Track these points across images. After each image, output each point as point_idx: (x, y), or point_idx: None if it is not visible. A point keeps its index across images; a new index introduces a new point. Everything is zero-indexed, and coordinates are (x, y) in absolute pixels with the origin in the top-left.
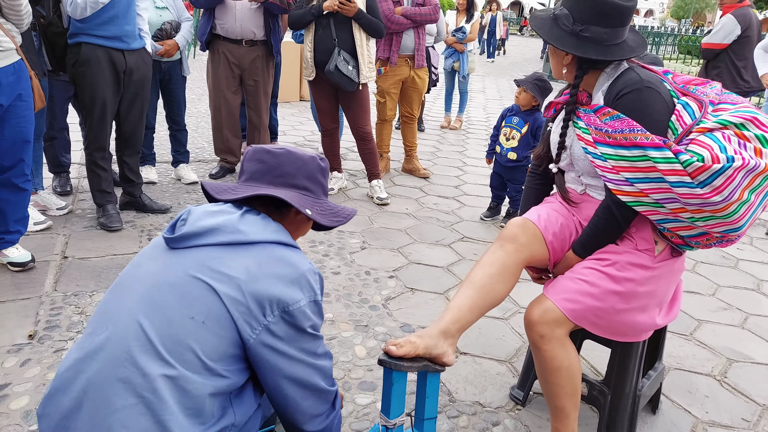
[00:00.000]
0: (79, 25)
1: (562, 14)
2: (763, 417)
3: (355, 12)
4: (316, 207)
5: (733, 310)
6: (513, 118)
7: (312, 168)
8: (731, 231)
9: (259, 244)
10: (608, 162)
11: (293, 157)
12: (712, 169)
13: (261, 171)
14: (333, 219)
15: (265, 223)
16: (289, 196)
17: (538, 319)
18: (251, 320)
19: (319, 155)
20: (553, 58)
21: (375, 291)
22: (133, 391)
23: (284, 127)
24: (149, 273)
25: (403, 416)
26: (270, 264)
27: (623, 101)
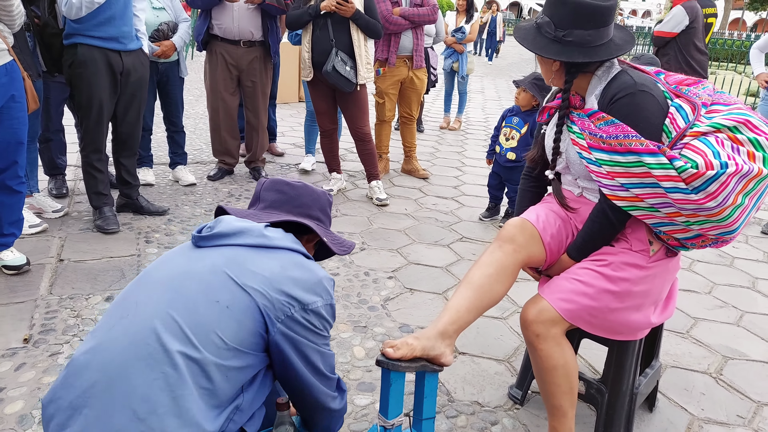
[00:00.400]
0: (75, 25)
1: (544, 22)
2: (758, 414)
3: (353, 12)
4: (328, 236)
5: (728, 308)
6: (513, 118)
7: (324, 202)
8: (726, 233)
9: (282, 249)
10: (603, 167)
11: (309, 190)
12: (706, 176)
13: (280, 201)
14: (340, 248)
15: (286, 235)
16: (310, 224)
17: (534, 318)
18: (276, 311)
19: (329, 192)
20: (542, 66)
21: (374, 291)
22: (154, 367)
23: (283, 128)
24: (175, 265)
25: (402, 417)
26: (291, 268)
27: (617, 106)
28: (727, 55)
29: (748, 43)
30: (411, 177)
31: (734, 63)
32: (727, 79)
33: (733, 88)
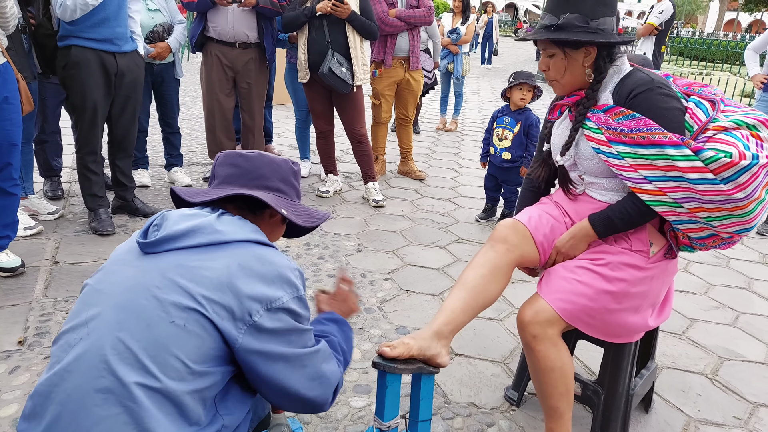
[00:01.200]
0: (69, 27)
1: (572, 18)
2: (754, 415)
3: (349, 14)
4: (291, 208)
5: (725, 308)
6: (504, 118)
7: (285, 171)
8: (742, 231)
9: (238, 243)
10: (626, 160)
11: (267, 160)
12: (740, 166)
13: (234, 175)
14: (308, 220)
15: (242, 223)
16: (265, 196)
17: (531, 319)
18: (236, 321)
19: (291, 160)
20: (570, 66)
21: (370, 293)
22: (114, 401)
23: (279, 130)
24: (124, 278)
25: (398, 419)
26: (250, 263)
27: (637, 100)
28: (722, 56)
29: (743, 44)
30: (407, 178)
31: (729, 64)
32: (722, 80)
33: (728, 90)
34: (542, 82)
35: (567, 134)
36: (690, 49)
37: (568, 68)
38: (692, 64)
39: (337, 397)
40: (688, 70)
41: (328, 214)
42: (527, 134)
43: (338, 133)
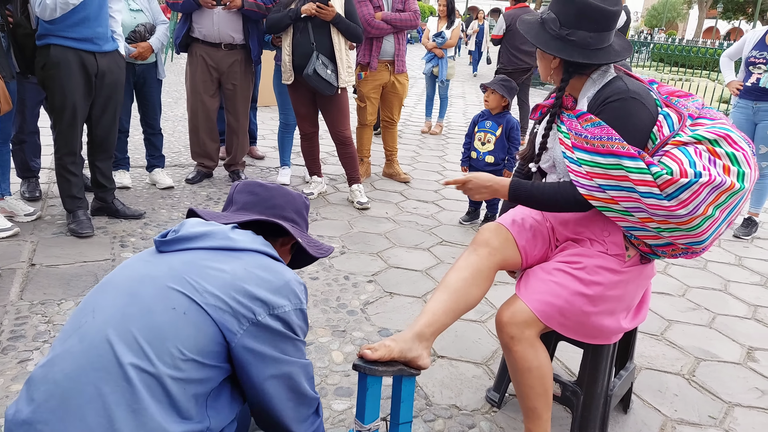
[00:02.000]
0: (48, 26)
1: (549, 18)
2: (729, 414)
3: (333, 16)
4: (303, 238)
5: (701, 310)
6: (485, 122)
7: (299, 204)
8: (695, 244)
9: (248, 251)
10: (583, 167)
11: (283, 192)
12: (680, 183)
13: (252, 202)
14: (317, 251)
15: (254, 237)
16: (283, 223)
17: (509, 320)
18: (239, 318)
19: (305, 194)
20: (541, 62)
21: (353, 296)
22: (108, 380)
23: (264, 132)
24: (134, 270)
25: (378, 421)
26: (257, 270)
27: (607, 109)
28: (701, 62)
29: (721, 51)
30: (392, 181)
31: (708, 71)
32: (701, 87)
33: (706, 96)
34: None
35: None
36: (670, 55)
37: (544, 65)
38: (672, 71)
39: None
40: (668, 76)
41: (332, 249)
42: (509, 137)
43: (323, 135)
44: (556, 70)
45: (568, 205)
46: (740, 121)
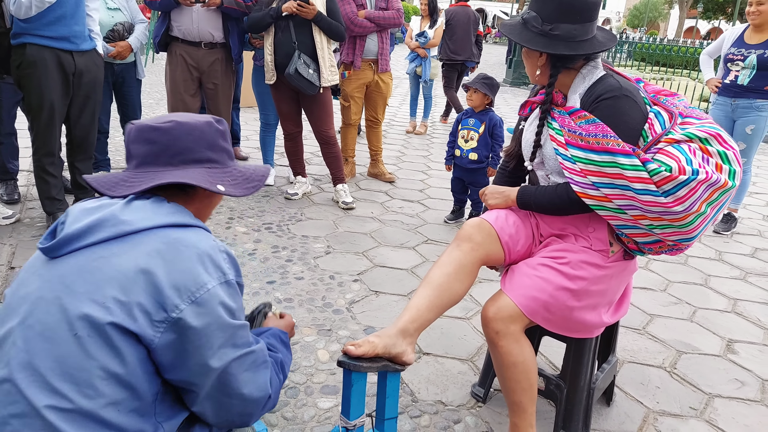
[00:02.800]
0: (23, 25)
1: (531, 17)
2: (709, 405)
3: (314, 15)
4: (226, 179)
5: (682, 304)
6: (468, 120)
7: (211, 135)
8: (684, 240)
9: (149, 230)
10: (577, 165)
11: (187, 128)
12: (678, 180)
13: (153, 153)
14: (247, 187)
15: (156, 206)
16: (195, 176)
17: (494, 315)
18: (152, 321)
19: (215, 117)
20: (527, 61)
21: (339, 295)
22: (31, 426)
23: (247, 132)
24: (30, 291)
25: (364, 417)
26: (163, 251)
27: (601, 106)
28: (682, 62)
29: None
30: (377, 180)
31: (689, 69)
32: (682, 86)
33: (687, 94)
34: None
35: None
36: (651, 54)
37: (529, 62)
38: (653, 69)
39: (305, 399)
40: (649, 75)
41: (267, 171)
42: (492, 135)
43: (307, 135)
44: (543, 67)
45: (564, 205)
46: (719, 118)
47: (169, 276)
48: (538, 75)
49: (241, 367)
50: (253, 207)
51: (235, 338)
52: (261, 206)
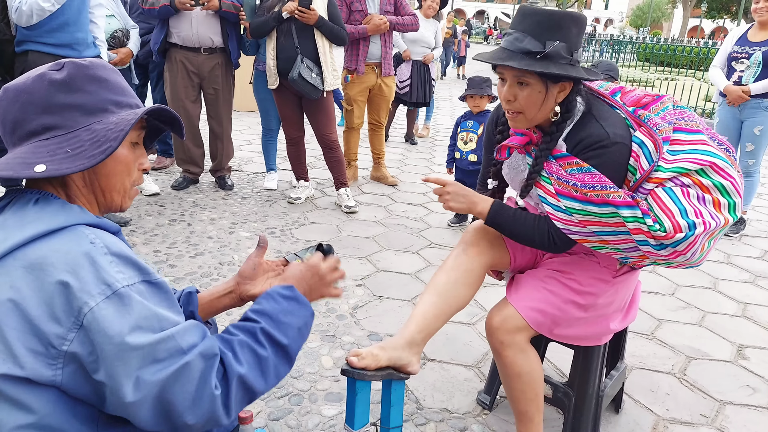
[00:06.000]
0: (26, 32)
1: (559, 47)
2: (720, 412)
3: (316, 20)
4: (62, 150)
5: (691, 308)
6: (467, 122)
7: (42, 95)
8: (690, 267)
9: (7, 258)
10: (574, 216)
11: (12, 94)
12: (675, 239)
13: (2, 134)
14: (93, 154)
15: (19, 215)
16: (8, 161)
17: (499, 325)
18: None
19: (54, 66)
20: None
21: (342, 300)
22: None
23: (250, 136)
24: None
25: (368, 426)
26: (29, 278)
27: (592, 156)
28: (687, 61)
29: (706, 50)
30: (380, 184)
31: (693, 69)
32: (687, 86)
33: (692, 95)
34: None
35: (522, 170)
36: (655, 54)
37: (543, 102)
38: (657, 70)
39: (309, 406)
40: (654, 75)
41: (133, 116)
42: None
43: (309, 139)
44: (558, 101)
45: (543, 245)
46: (726, 119)
47: (41, 306)
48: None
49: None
50: (257, 212)
51: (156, 354)
52: (264, 211)
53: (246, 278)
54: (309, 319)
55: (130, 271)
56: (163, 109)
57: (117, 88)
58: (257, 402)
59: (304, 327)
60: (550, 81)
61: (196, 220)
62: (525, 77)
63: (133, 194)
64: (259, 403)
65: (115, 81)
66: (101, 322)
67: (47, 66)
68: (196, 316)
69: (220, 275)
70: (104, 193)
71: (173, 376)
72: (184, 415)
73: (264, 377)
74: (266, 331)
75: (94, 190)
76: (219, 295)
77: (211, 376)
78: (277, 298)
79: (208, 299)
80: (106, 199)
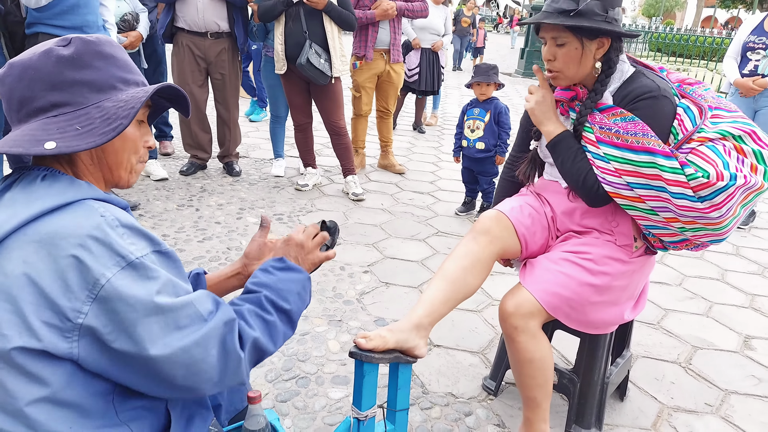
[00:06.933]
0: (36, 14)
1: (593, 4)
2: (725, 401)
3: (325, 5)
4: (72, 127)
5: (698, 299)
6: (474, 110)
7: (50, 71)
8: (715, 241)
9: (18, 233)
10: (612, 164)
11: (19, 71)
12: (716, 186)
13: (6, 111)
14: (104, 131)
15: (27, 191)
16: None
17: (514, 310)
18: (60, 334)
19: (61, 41)
20: (574, 56)
21: (349, 286)
22: None
23: (258, 123)
24: None
25: (375, 408)
26: (42, 251)
27: (641, 105)
28: (699, 52)
29: (719, 40)
30: (387, 172)
31: (706, 60)
32: (699, 76)
33: None
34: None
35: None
36: (668, 45)
37: (581, 59)
38: (670, 60)
39: (316, 389)
40: (666, 65)
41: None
42: (498, 122)
43: (317, 126)
44: (603, 58)
45: (586, 188)
46: (740, 108)
47: (55, 280)
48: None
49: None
50: (264, 198)
51: (178, 320)
52: (272, 197)
53: (252, 259)
54: (306, 283)
55: (142, 242)
56: (171, 86)
57: (124, 64)
58: (265, 384)
59: (303, 291)
60: (585, 38)
61: (204, 206)
62: (561, 36)
63: (138, 170)
64: (267, 385)
65: (121, 58)
66: (121, 291)
67: (54, 41)
68: None
69: (227, 260)
70: (111, 169)
71: (197, 342)
72: (214, 377)
73: (273, 340)
74: (270, 298)
75: (101, 167)
76: (226, 276)
77: (234, 340)
78: (271, 270)
79: (216, 280)
80: (113, 175)
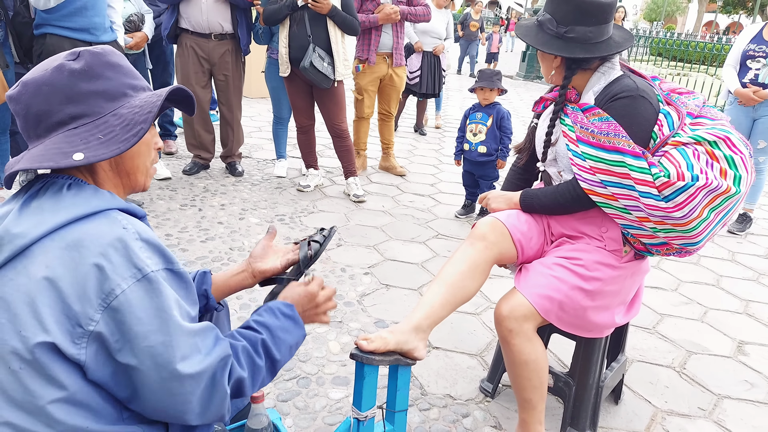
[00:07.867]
0: (45, 15)
1: (546, 19)
2: (718, 406)
3: (329, 9)
4: (95, 137)
5: (693, 304)
6: (476, 114)
7: (65, 85)
8: (689, 245)
9: (44, 239)
10: (587, 162)
11: (34, 88)
12: (676, 186)
13: (23, 128)
14: (126, 138)
15: (54, 200)
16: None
17: (508, 314)
18: (71, 339)
19: (70, 56)
20: (543, 62)
21: (350, 287)
22: None
23: (260, 123)
24: None
25: (375, 409)
26: (65, 257)
27: (616, 104)
28: (700, 57)
29: (719, 45)
30: (388, 174)
31: (706, 65)
32: (699, 82)
33: (704, 91)
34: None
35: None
36: (668, 50)
37: (544, 64)
38: (670, 65)
39: (316, 389)
40: (666, 70)
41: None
42: (500, 127)
43: (320, 127)
44: (558, 69)
45: (568, 202)
46: (739, 117)
47: (74, 285)
48: (552, 75)
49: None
50: (266, 198)
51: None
52: (274, 198)
53: (257, 258)
54: (301, 339)
55: (157, 257)
56: (180, 88)
57: (130, 72)
58: None
59: (295, 346)
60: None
61: (206, 206)
62: None
63: (152, 173)
64: (269, 385)
65: (126, 65)
66: (132, 303)
67: (62, 56)
68: (209, 294)
69: (230, 260)
70: (129, 175)
71: (193, 375)
72: (196, 409)
73: (254, 384)
74: (266, 343)
75: (120, 173)
76: (232, 274)
77: (225, 377)
78: (278, 314)
79: (222, 279)
80: (131, 180)
